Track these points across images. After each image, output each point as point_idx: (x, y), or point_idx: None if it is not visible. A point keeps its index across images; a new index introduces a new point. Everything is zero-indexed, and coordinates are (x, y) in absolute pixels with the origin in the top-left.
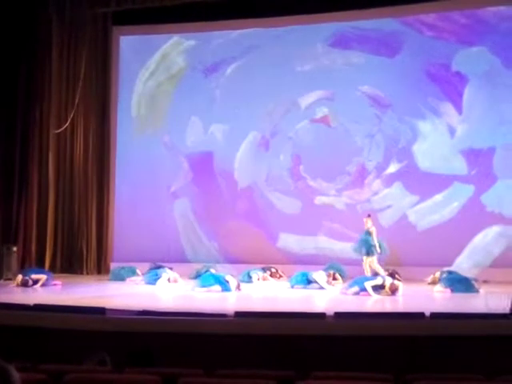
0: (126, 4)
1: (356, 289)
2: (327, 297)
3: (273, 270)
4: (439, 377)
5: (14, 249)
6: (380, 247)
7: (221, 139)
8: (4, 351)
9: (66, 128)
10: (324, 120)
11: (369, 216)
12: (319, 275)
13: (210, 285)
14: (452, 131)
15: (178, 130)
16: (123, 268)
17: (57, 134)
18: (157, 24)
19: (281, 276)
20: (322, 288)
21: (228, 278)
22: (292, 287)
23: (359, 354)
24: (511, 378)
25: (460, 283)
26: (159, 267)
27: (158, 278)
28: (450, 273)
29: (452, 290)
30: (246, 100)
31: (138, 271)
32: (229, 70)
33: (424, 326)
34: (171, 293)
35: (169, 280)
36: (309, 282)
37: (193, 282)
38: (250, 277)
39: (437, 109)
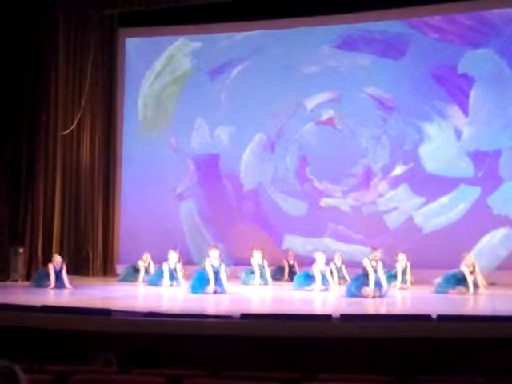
0: (131, 6)
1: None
2: (333, 299)
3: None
4: (445, 379)
5: (21, 250)
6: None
7: (227, 141)
8: (11, 352)
9: (72, 130)
10: (330, 122)
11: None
12: (316, 266)
13: (203, 288)
14: (458, 133)
15: (183, 132)
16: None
17: (63, 137)
18: (162, 26)
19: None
20: (323, 280)
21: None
22: (295, 289)
23: (365, 356)
24: None
25: (453, 279)
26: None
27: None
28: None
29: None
30: (252, 102)
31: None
32: (234, 72)
33: (431, 329)
34: (177, 294)
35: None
36: (311, 278)
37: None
38: (252, 274)
39: (443, 111)
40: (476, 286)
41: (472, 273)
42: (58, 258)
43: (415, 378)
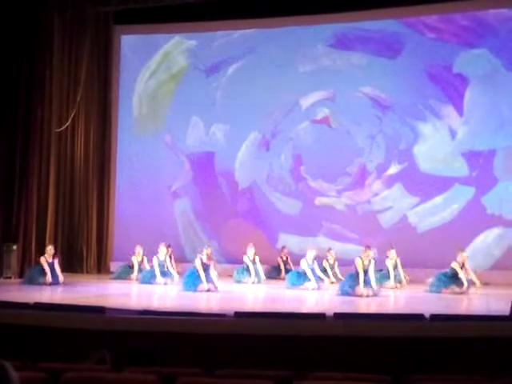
0: (127, 3)
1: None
2: (327, 297)
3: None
4: (438, 378)
5: (14, 247)
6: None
7: (222, 139)
8: (4, 350)
9: (67, 127)
10: (325, 121)
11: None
12: (304, 262)
13: (196, 286)
14: (453, 133)
15: (179, 130)
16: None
17: (58, 134)
18: (158, 23)
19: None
20: (314, 276)
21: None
22: (288, 288)
23: (358, 354)
24: (511, 379)
25: (444, 278)
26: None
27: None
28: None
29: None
30: (247, 100)
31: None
32: (230, 70)
33: (424, 328)
34: (170, 292)
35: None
36: (303, 276)
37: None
38: (245, 272)
39: (438, 110)
40: (469, 281)
41: (462, 268)
42: (50, 250)
43: (408, 377)
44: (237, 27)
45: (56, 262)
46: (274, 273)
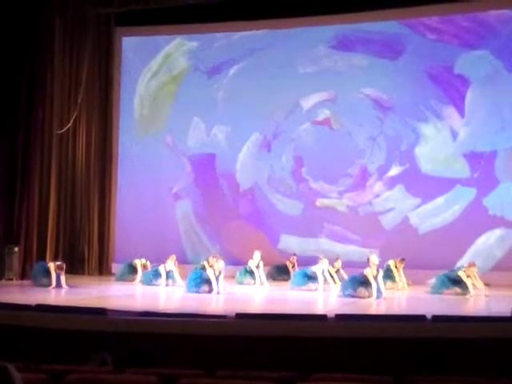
0: (128, 5)
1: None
2: (328, 299)
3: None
4: (439, 379)
5: (16, 249)
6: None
7: (223, 140)
8: (6, 351)
9: (68, 128)
10: (326, 122)
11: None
12: (319, 267)
13: (198, 287)
14: (454, 134)
15: (180, 131)
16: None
17: (59, 135)
18: (159, 25)
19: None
20: (324, 280)
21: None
22: (292, 288)
23: (360, 356)
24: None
25: (448, 281)
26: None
27: (157, 275)
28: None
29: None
30: (249, 101)
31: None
32: (231, 72)
33: (425, 329)
34: (172, 294)
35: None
36: (308, 277)
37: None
38: (247, 274)
39: (439, 112)
40: (474, 287)
41: (469, 277)
42: (61, 265)
43: (410, 378)
44: (238, 29)
45: (63, 273)
46: (275, 274)
